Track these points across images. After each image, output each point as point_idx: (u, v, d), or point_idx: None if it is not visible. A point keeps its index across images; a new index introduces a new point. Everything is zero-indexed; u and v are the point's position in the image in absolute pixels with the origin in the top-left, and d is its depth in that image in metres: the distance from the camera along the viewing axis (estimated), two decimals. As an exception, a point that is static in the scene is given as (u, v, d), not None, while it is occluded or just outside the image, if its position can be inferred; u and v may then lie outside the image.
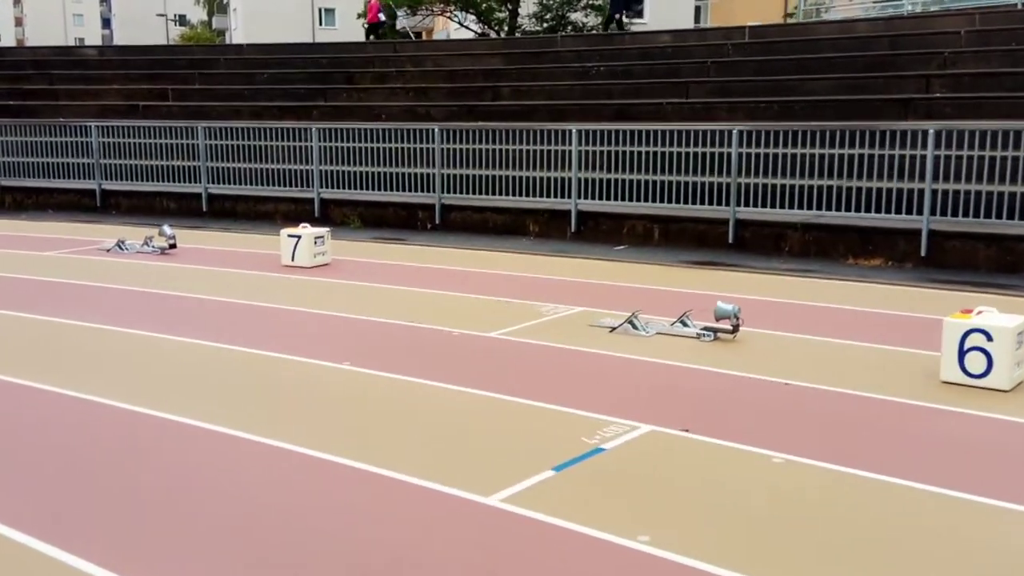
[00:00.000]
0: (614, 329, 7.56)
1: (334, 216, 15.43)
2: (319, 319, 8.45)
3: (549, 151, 13.67)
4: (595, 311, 8.44)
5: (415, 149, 14.85)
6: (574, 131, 13.31)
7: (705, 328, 7.35)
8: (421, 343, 7.49)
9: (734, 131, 11.97)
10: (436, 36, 44.11)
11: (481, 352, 7.24)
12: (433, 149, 14.54)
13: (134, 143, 17.23)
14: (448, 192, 14.55)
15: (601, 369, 6.69)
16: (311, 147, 15.50)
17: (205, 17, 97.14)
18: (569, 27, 35.49)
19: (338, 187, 15.54)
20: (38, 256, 12.19)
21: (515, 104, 18.08)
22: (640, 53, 19.54)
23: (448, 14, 36.40)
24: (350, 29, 71.90)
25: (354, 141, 15.40)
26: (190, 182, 16.72)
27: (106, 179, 17.40)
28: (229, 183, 16.48)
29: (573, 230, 13.46)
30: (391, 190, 15.09)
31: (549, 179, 13.77)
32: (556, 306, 8.69)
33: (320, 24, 75.42)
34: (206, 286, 9.98)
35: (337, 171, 15.56)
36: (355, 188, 15.36)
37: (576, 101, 17.49)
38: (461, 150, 14.46)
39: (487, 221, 14.36)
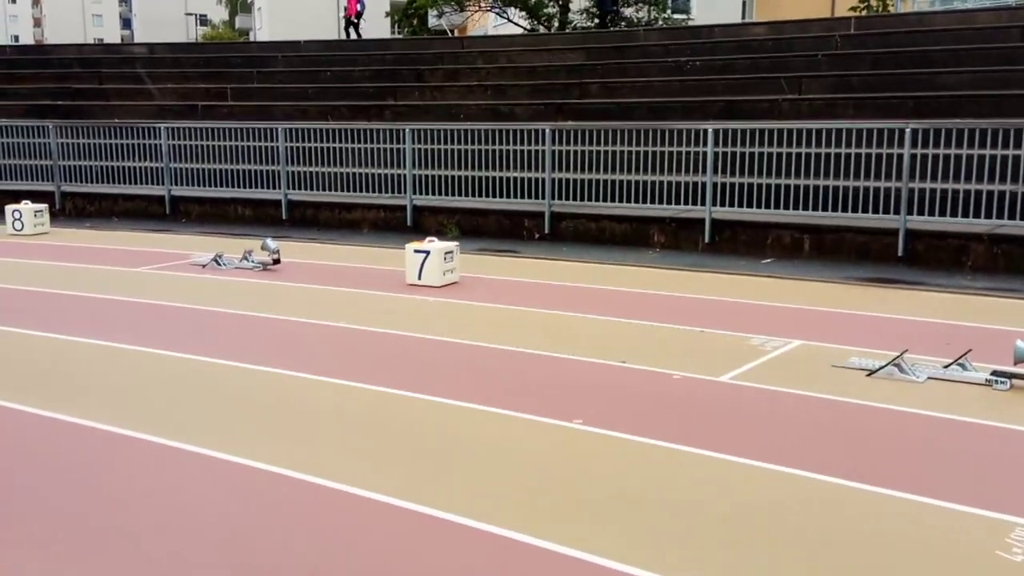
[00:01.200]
0: (872, 373, 6.28)
1: (427, 225, 14.21)
2: (490, 355, 7.21)
3: (680, 153, 12.40)
4: (817, 345, 7.19)
5: (519, 151, 13.61)
6: (710, 131, 12.03)
7: (996, 373, 6.06)
8: (644, 391, 6.22)
9: (907, 130, 10.66)
10: (473, 33, 42.85)
11: (731, 405, 5.89)
12: (543, 151, 13.30)
13: (205, 145, 16.06)
14: (558, 198, 13.30)
15: (932, 437, 5.41)
16: (404, 149, 14.27)
17: (226, 16, 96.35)
18: (623, 23, 34.26)
19: (432, 193, 14.32)
20: (129, 273, 11.00)
21: (607, 102, 16.83)
22: (737, 46, 18.23)
23: (497, 10, 35.13)
24: (377, 30, 71.00)
25: (448, 143, 14.18)
26: (268, 187, 15.52)
27: (175, 184, 16.23)
28: (311, 188, 15.27)
29: (707, 241, 12.18)
30: (491, 196, 13.85)
31: (675, 184, 12.52)
32: (767, 338, 7.41)
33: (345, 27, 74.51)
34: (329, 310, 8.76)
35: (431, 175, 14.35)
36: (451, 194, 14.13)
37: (675, 98, 16.24)
38: (574, 152, 13.22)
39: (604, 231, 13.10)
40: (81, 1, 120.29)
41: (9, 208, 14.23)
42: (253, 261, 10.97)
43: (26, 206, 14.26)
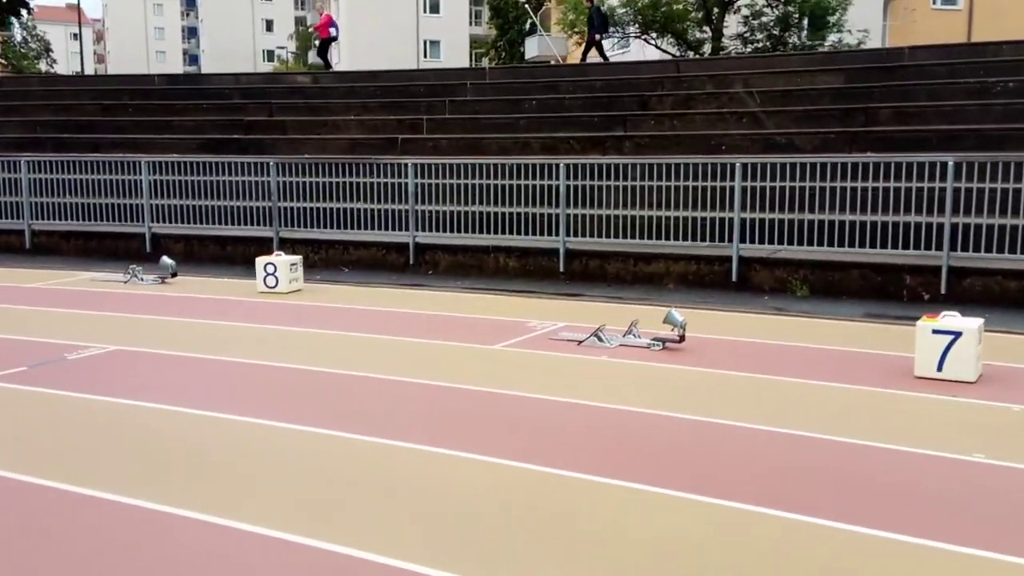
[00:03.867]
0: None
1: (760, 281, 11.72)
2: None
3: None
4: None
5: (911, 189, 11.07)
6: None
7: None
8: None
9: None
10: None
11: None
12: (944, 188, 10.74)
13: (450, 184, 13.73)
14: (960, 250, 10.74)
15: None
16: (733, 187, 11.78)
17: (294, 50, 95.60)
18: (782, 46, 31.93)
19: (759, 241, 11.82)
20: (497, 354, 8.51)
21: (909, 129, 14.30)
22: (1044, 65, 15.65)
23: (645, 37, 32.86)
24: (456, 61, 69.26)
25: (782, 179, 11.70)
26: (540, 234, 13.11)
27: (421, 230, 13.87)
28: (588, 235, 12.86)
29: None
30: (850, 246, 11.31)
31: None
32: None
33: (425, 56, 73.09)
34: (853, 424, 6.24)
35: (759, 219, 11.87)
36: (794, 242, 11.61)
37: (1003, 125, 13.70)
38: (979, 190, 10.68)
39: None
40: (144, 36, 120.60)
41: (261, 261, 11.90)
42: (655, 341, 8.39)
43: (280, 258, 11.95)
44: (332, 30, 25.77)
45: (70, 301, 11.55)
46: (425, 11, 73.65)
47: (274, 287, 11.79)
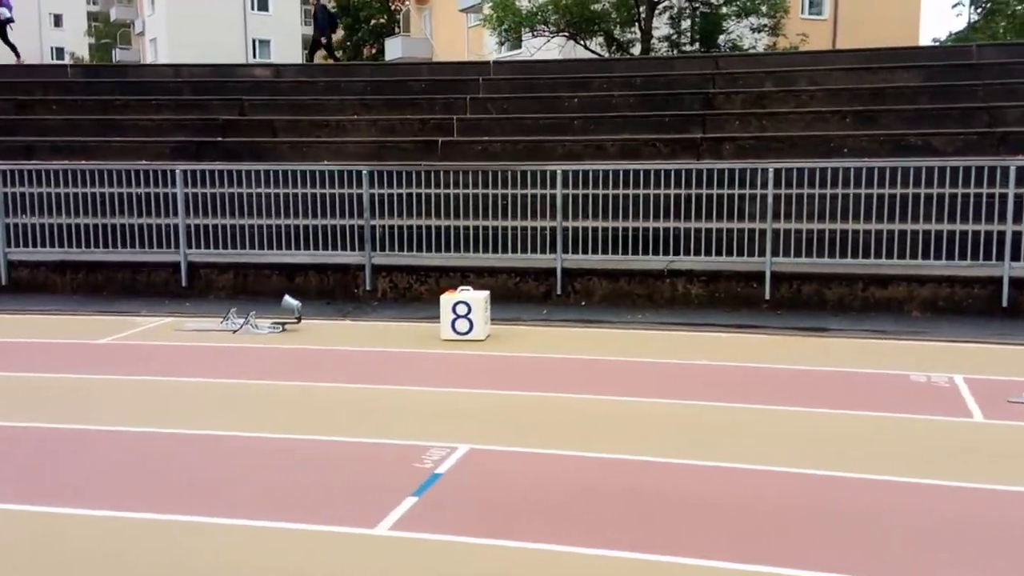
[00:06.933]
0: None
1: None
2: None
3: None
4: None
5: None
6: None
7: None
8: None
9: None
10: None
11: None
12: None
13: (604, 195, 11.28)
14: None
15: None
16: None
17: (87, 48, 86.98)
18: (714, 49, 31.15)
19: None
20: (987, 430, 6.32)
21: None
22: None
23: (573, 35, 31.05)
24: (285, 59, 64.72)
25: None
26: (733, 253, 10.90)
27: (568, 252, 11.27)
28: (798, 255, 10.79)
29: None
30: None
31: None
32: None
33: (254, 56, 68.15)
34: None
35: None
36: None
37: None
38: None
39: None
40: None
41: (449, 300, 9.00)
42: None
43: (471, 295, 9.10)
44: (4, 10, 20.78)
45: (208, 365, 8.25)
46: (253, 8, 68.83)
47: (466, 333, 8.96)
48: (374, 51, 55.88)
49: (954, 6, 44.50)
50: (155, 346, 9.00)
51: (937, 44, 45.74)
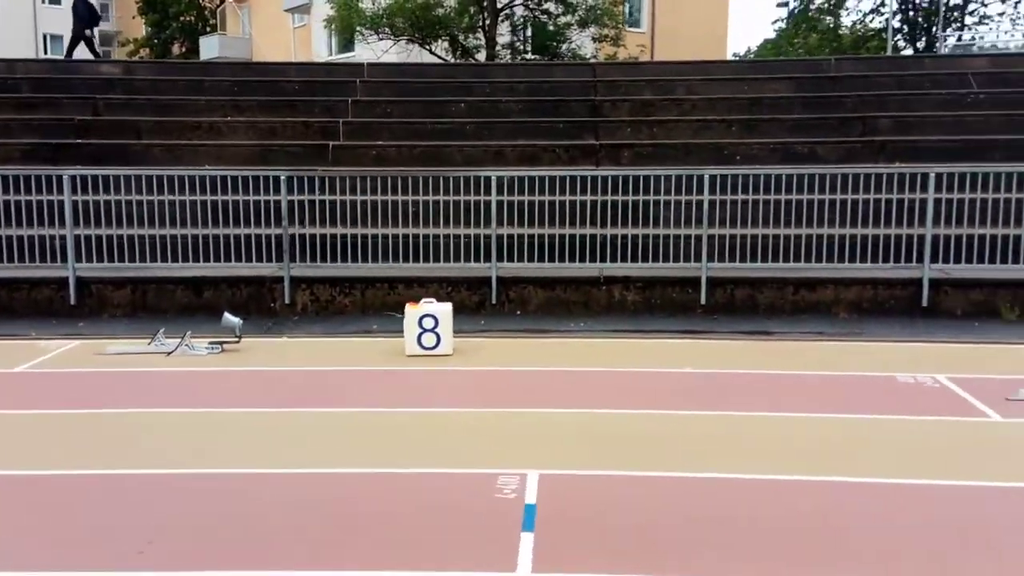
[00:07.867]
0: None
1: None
2: None
3: None
4: None
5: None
6: None
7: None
8: None
9: None
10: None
11: None
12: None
13: (539, 201, 11.04)
14: None
15: None
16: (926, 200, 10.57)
17: None
18: (558, 57, 31.60)
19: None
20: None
21: (933, 140, 14.16)
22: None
23: (420, 40, 30.60)
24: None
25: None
26: (671, 260, 10.91)
27: (503, 260, 10.93)
28: (731, 260, 10.94)
29: None
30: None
31: None
32: None
33: (46, 52, 63.20)
34: None
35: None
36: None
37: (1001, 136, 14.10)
38: None
39: None
40: None
41: (414, 313, 8.44)
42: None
43: (437, 307, 8.56)
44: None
45: (173, 394, 7.34)
46: (44, 1, 63.79)
47: (433, 347, 8.46)
48: (183, 49, 53.10)
49: (774, 22, 47.33)
50: (88, 374, 7.94)
51: (738, 58, 48.67)
